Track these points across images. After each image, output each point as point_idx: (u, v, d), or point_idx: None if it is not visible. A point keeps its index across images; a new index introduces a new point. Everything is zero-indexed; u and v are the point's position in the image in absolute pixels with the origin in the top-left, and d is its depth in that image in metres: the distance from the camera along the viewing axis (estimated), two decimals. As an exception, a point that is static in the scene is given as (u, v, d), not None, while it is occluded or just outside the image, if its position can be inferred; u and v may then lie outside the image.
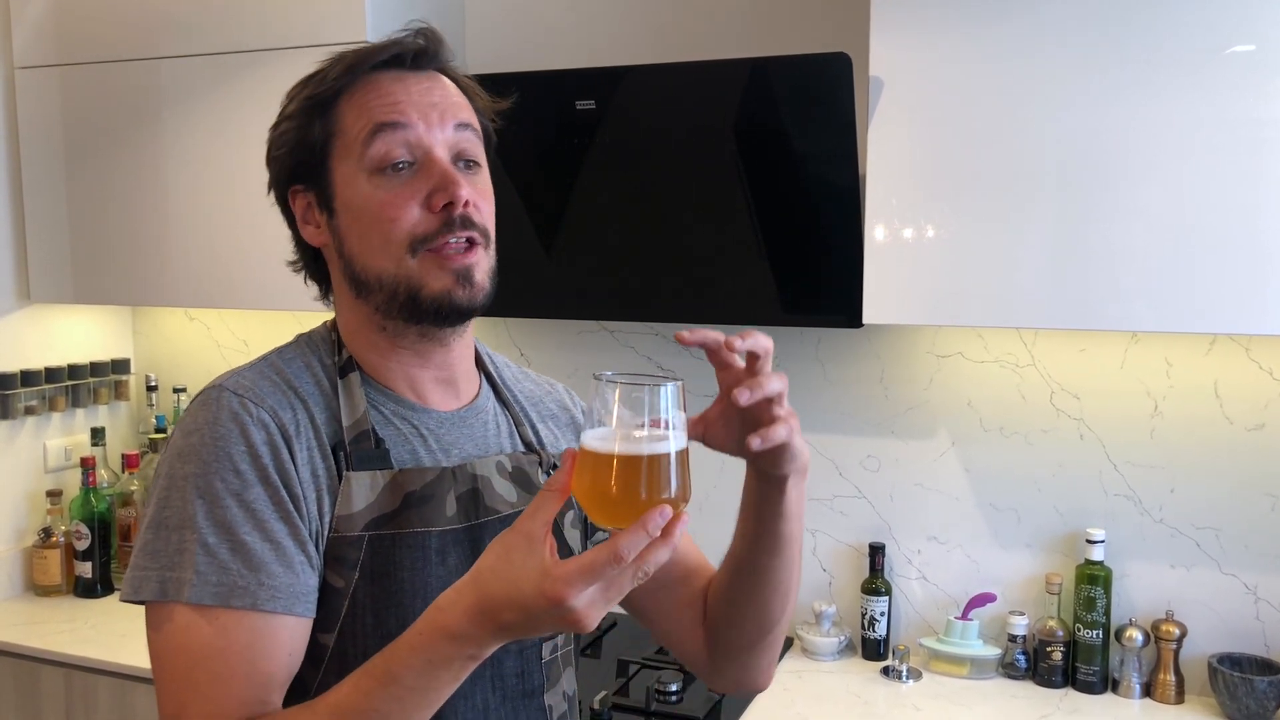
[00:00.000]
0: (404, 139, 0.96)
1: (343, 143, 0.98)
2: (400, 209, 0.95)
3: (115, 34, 2.23)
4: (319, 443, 0.96)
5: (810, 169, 1.84)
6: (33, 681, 2.14)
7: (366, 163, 0.96)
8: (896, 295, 1.77)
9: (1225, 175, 1.57)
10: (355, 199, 0.97)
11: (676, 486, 0.80)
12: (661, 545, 0.77)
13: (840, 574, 2.19)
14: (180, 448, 0.94)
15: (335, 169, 0.99)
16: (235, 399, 0.94)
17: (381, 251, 0.96)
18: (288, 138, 1.02)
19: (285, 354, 1.02)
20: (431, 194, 0.96)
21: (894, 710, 1.90)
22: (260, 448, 0.92)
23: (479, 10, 2.36)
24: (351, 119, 0.98)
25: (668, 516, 0.76)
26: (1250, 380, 1.89)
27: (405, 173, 0.96)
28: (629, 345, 2.30)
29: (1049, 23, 1.64)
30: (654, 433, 0.80)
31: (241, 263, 2.18)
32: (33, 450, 2.46)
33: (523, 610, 0.78)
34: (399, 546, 0.96)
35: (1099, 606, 1.93)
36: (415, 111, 0.97)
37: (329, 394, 0.99)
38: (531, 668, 1.04)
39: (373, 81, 0.99)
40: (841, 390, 2.15)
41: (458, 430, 1.05)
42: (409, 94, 0.98)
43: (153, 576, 0.91)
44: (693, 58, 2.14)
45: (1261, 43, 1.54)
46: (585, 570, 0.76)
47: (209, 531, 0.90)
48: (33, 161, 2.36)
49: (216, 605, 0.89)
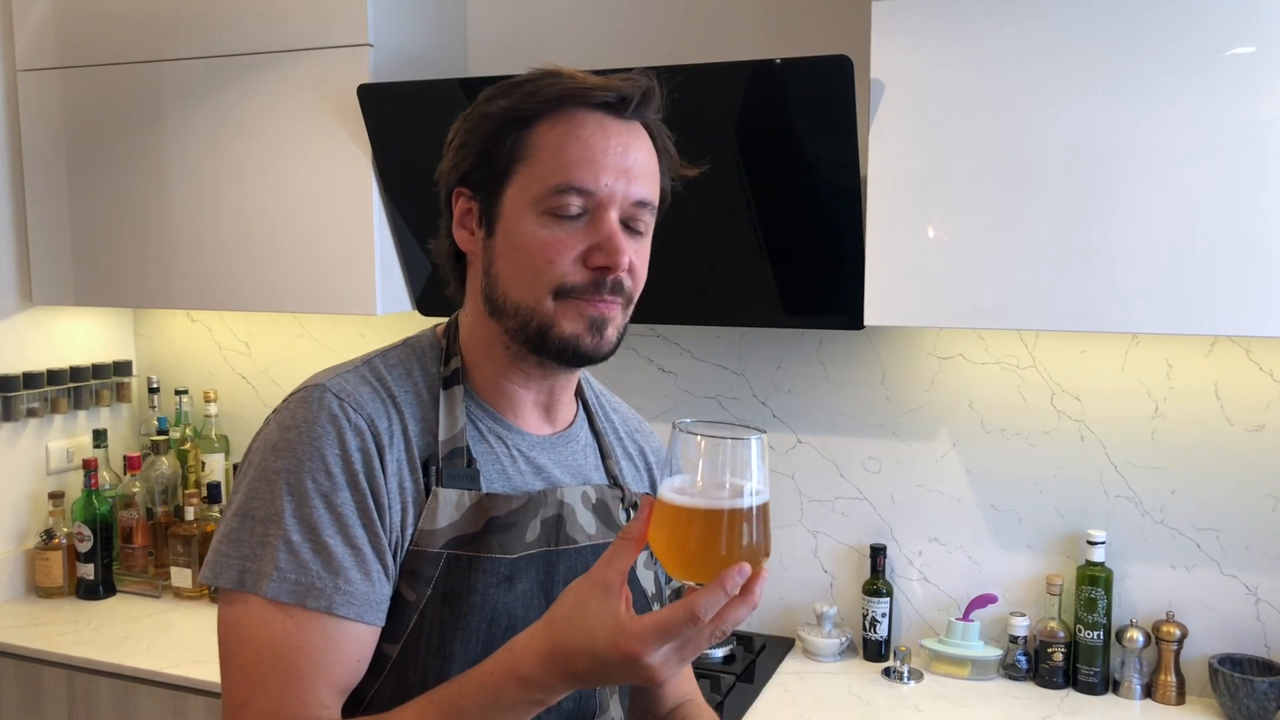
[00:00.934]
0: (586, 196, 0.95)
1: (526, 174, 0.96)
2: (559, 254, 0.95)
3: (117, 37, 2.24)
4: (409, 455, 0.96)
5: (812, 171, 1.84)
6: (35, 683, 2.14)
7: (542, 202, 0.95)
8: (898, 297, 1.78)
9: (1225, 177, 1.58)
10: (519, 230, 0.96)
11: (757, 542, 0.79)
12: (740, 604, 0.77)
13: (841, 575, 2.19)
14: (275, 441, 0.94)
15: (508, 192, 0.97)
16: (335, 401, 0.95)
17: (527, 286, 0.96)
18: (473, 139, 0.99)
19: (389, 359, 1.02)
20: (591, 250, 0.95)
21: (895, 711, 1.90)
22: (354, 453, 0.93)
23: (480, 12, 2.36)
24: (545, 155, 0.95)
25: (746, 574, 0.76)
26: (1251, 382, 1.89)
27: (574, 220, 0.95)
28: (630, 347, 2.30)
29: (1049, 26, 1.65)
30: (735, 487, 0.78)
31: (243, 265, 2.18)
32: (35, 452, 2.47)
33: (595, 661, 0.78)
34: (475, 570, 0.96)
35: (1100, 607, 1.93)
36: (608, 175, 0.95)
37: (428, 405, 0.99)
38: (586, 693, 1.04)
39: (576, 120, 0.96)
40: (843, 391, 2.16)
41: (549, 455, 1.05)
42: (608, 151, 0.95)
43: (234, 565, 0.92)
44: (694, 60, 2.14)
45: (1262, 44, 1.54)
46: (661, 629, 0.76)
47: (294, 529, 0.91)
48: (35, 164, 2.36)
49: (292, 603, 0.89)
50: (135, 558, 2.47)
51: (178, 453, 2.55)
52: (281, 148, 2.12)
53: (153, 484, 2.49)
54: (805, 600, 2.22)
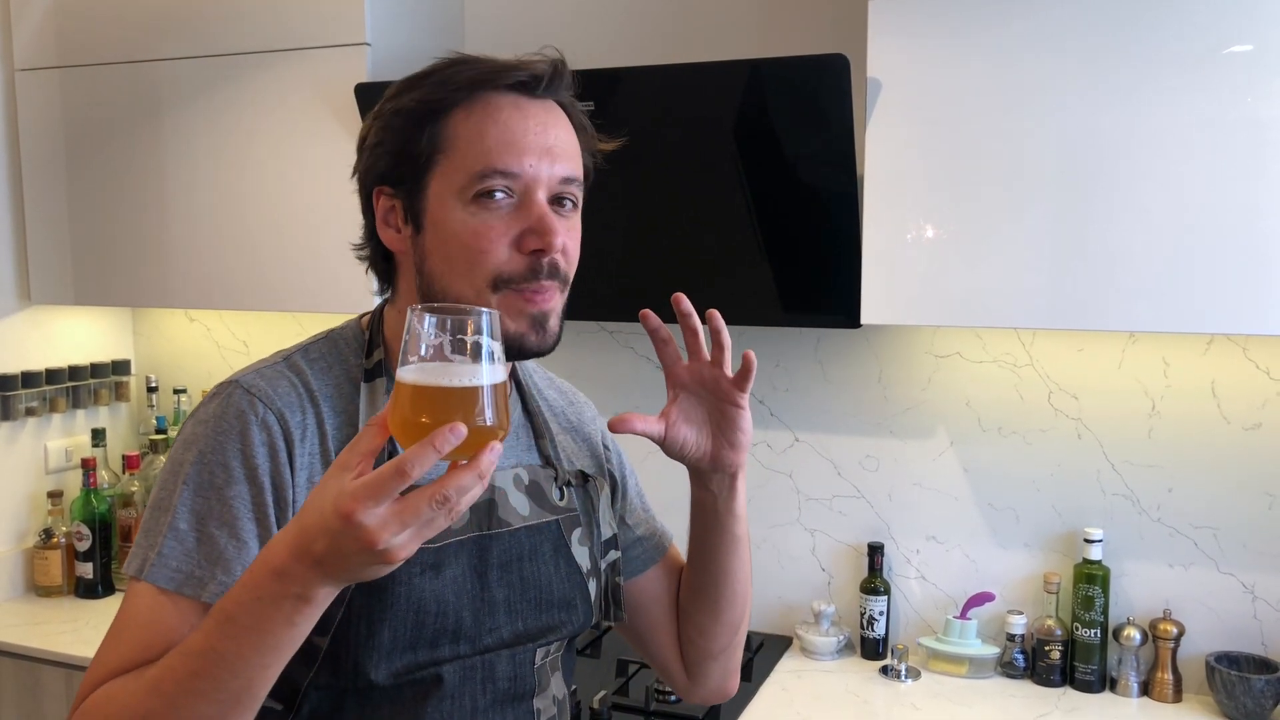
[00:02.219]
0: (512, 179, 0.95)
1: (447, 164, 0.95)
2: (491, 242, 0.94)
3: (115, 36, 2.24)
4: (324, 449, 0.97)
5: (809, 170, 1.84)
6: (34, 682, 2.14)
7: (468, 191, 0.94)
8: (895, 296, 1.78)
9: (1223, 176, 1.58)
10: (447, 222, 0.95)
11: (489, 417, 0.77)
12: (467, 472, 0.75)
13: (839, 573, 2.20)
14: (186, 435, 0.97)
15: (432, 185, 0.96)
16: (246, 397, 0.96)
17: (464, 279, 0.95)
18: (388, 136, 0.98)
19: (310, 353, 1.02)
20: (524, 235, 0.94)
21: (893, 709, 1.90)
22: (257, 448, 0.94)
23: (477, 12, 2.36)
24: (464, 143, 0.94)
25: (461, 436, 0.74)
26: (1247, 380, 1.89)
27: (502, 205, 0.94)
28: (628, 346, 2.30)
29: (1046, 24, 1.65)
30: (465, 361, 0.77)
31: (242, 264, 2.18)
32: (33, 451, 2.47)
33: (327, 534, 0.75)
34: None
35: (1097, 606, 1.93)
36: (531, 156, 0.94)
37: (349, 397, 1.00)
38: (523, 671, 1.05)
39: (491, 105, 0.95)
40: (840, 390, 2.16)
41: None
42: (527, 132, 0.95)
43: (138, 555, 0.94)
44: (691, 59, 2.14)
45: (1260, 43, 1.54)
46: (370, 484, 0.74)
47: (182, 518, 0.93)
48: (33, 163, 2.37)
49: (170, 589, 0.91)
50: (134, 557, 2.47)
51: (176, 452, 2.55)
52: (279, 147, 2.12)
53: (151, 483, 2.49)
54: (803, 599, 2.22)
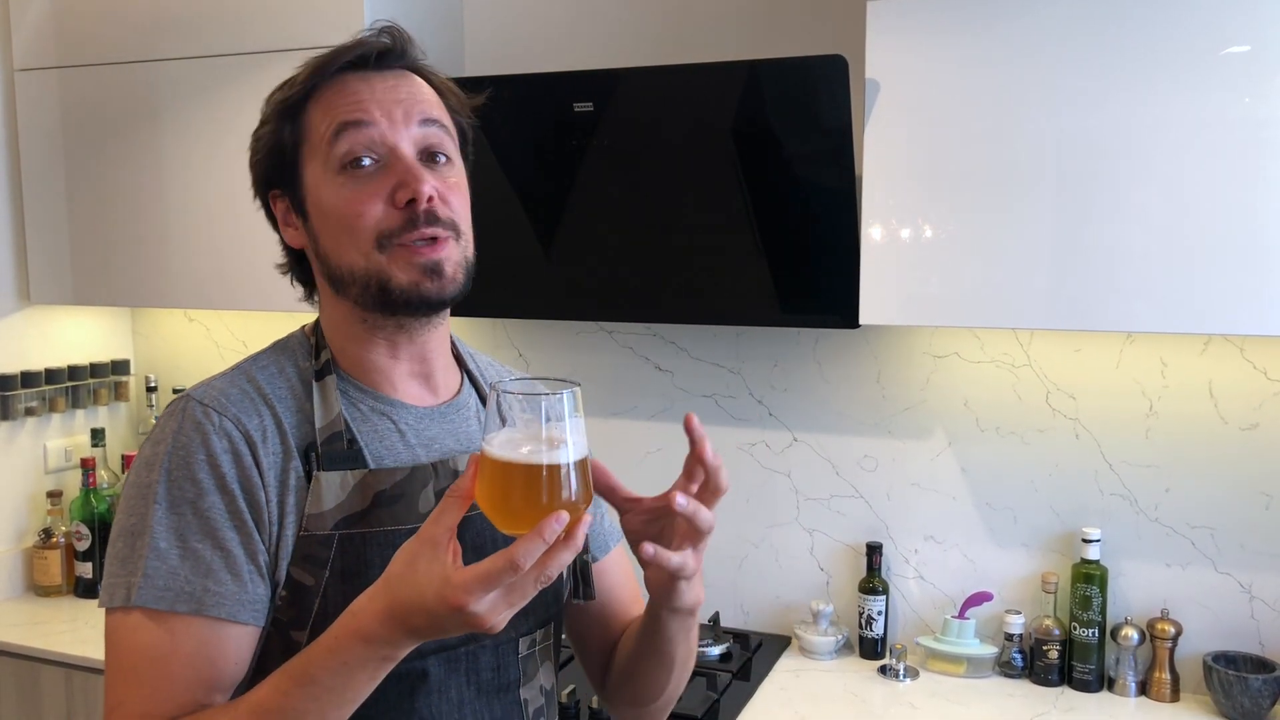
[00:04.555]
0: (368, 137, 0.97)
1: (311, 145, 1.00)
2: (365, 205, 0.97)
3: (114, 36, 2.24)
4: (286, 446, 0.98)
5: (807, 170, 1.85)
6: (33, 682, 2.15)
7: (332, 162, 0.98)
8: (893, 296, 1.78)
9: (1221, 176, 1.58)
10: (324, 199, 0.99)
11: (576, 491, 0.82)
12: (563, 548, 0.79)
13: (837, 573, 2.20)
14: (147, 457, 0.97)
15: (306, 171, 1.01)
16: (200, 409, 0.97)
17: (351, 248, 0.98)
18: (263, 143, 1.03)
19: (260, 361, 1.05)
20: (395, 190, 0.97)
21: (891, 709, 1.91)
22: (220, 456, 0.95)
23: (477, 12, 2.36)
24: (318, 120, 0.99)
25: (564, 523, 0.78)
26: (1244, 380, 1.90)
27: (371, 170, 0.98)
28: (627, 346, 2.31)
29: (1044, 24, 1.65)
30: (552, 439, 0.81)
31: (241, 264, 2.18)
32: (33, 451, 2.47)
33: (428, 614, 0.80)
34: (369, 545, 0.97)
35: (1095, 605, 1.94)
36: (379, 109, 0.98)
37: (302, 398, 1.01)
38: (508, 662, 1.05)
39: (339, 83, 1.00)
40: (838, 390, 2.16)
41: (438, 425, 1.06)
42: (373, 93, 0.99)
43: (120, 583, 0.94)
44: (690, 60, 2.14)
45: (1257, 44, 1.55)
46: (483, 578, 0.78)
47: (161, 537, 0.93)
48: (32, 163, 2.37)
49: (163, 609, 0.91)
50: (133, 556, 2.47)
51: (176, 452, 2.55)
52: (279, 147, 2.12)
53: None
54: (801, 598, 2.22)
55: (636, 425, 2.30)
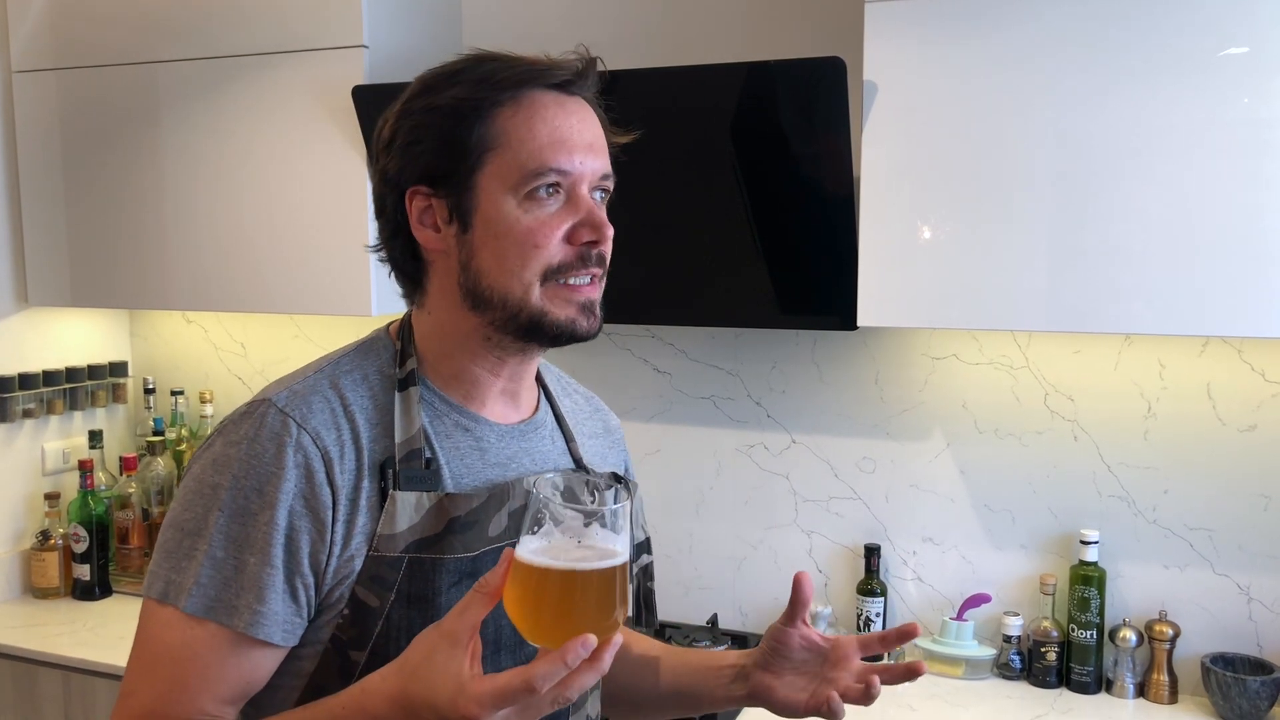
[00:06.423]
0: (567, 179, 0.96)
1: (498, 162, 0.95)
2: (546, 237, 0.95)
3: (113, 38, 2.24)
4: (361, 463, 0.95)
5: (805, 172, 1.84)
6: (31, 684, 2.14)
7: (523, 186, 0.95)
8: (891, 298, 1.78)
9: (1220, 177, 1.58)
10: (502, 218, 0.95)
11: (610, 611, 0.79)
12: (587, 671, 0.78)
13: (836, 575, 2.20)
14: (217, 456, 0.95)
15: (482, 183, 0.96)
16: (279, 417, 0.94)
17: (515, 274, 0.96)
18: (427, 135, 0.97)
19: (343, 365, 1.01)
20: (576, 228, 0.96)
21: (889, 710, 1.91)
22: (291, 471, 0.92)
23: (476, 13, 2.37)
24: (516, 141, 0.95)
25: (590, 648, 0.77)
26: (1242, 382, 1.90)
27: (552, 201, 0.96)
28: (626, 348, 2.31)
29: (1042, 26, 1.65)
30: (592, 552, 0.78)
31: (239, 266, 2.18)
32: (30, 453, 2.47)
33: (437, 713, 0.80)
34: (439, 572, 0.96)
35: (1093, 607, 1.94)
36: (579, 153, 0.96)
37: (384, 408, 0.99)
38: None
39: (537, 103, 0.97)
40: (837, 392, 2.16)
41: (517, 444, 1.05)
42: (571, 128, 0.97)
43: (161, 577, 0.93)
44: (688, 62, 2.15)
45: (1256, 45, 1.55)
46: (497, 695, 0.77)
47: (219, 545, 0.92)
48: (31, 165, 2.37)
49: (203, 616, 0.91)
50: (131, 558, 2.47)
51: (173, 454, 2.55)
52: (276, 149, 2.12)
53: (149, 485, 2.49)
54: (800, 600, 2.22)
55: (635, 427, 2.29)
